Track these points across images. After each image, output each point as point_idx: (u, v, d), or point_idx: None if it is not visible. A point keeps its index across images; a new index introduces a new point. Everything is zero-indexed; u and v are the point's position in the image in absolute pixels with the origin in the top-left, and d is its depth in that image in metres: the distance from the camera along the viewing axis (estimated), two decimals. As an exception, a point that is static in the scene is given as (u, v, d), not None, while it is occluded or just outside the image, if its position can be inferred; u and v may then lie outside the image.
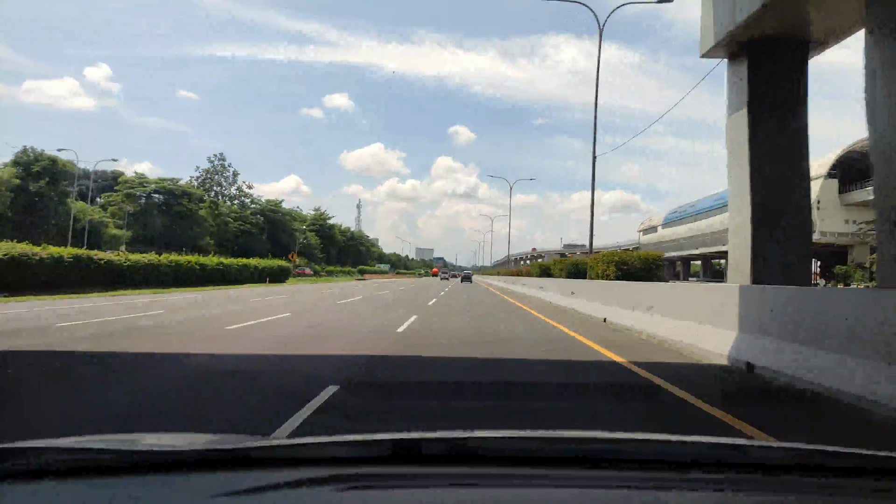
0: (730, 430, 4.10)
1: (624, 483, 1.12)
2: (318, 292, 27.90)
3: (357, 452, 1.25)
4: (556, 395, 5.54)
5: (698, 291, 10.80)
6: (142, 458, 1.17)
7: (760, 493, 1.11)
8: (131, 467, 1.13)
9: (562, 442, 1.34)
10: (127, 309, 14.44)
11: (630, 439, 1.30)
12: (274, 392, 5.19)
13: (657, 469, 1.20)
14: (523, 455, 1.24)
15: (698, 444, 1.33)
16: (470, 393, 5.39)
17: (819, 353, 5.63)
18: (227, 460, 1.17)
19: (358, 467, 1.17)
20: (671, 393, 5.42)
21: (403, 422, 4.10)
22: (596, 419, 4.39)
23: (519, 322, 13.20)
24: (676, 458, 1.24)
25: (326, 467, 1.15)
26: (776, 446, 1.34)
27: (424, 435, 1.27)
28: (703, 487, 1.12)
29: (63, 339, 8.40)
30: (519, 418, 4.40)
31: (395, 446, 1.22)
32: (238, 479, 1.10)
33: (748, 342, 6.93)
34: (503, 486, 1.11)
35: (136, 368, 6.45)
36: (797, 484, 1.14)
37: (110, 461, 1.14)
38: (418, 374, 6.65)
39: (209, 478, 1.11)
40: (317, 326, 11.23)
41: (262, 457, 1.20)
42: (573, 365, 7.40)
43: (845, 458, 1.25)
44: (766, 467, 1.21)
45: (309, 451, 1.26)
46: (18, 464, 1.11)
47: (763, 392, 5.74)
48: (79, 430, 2.69)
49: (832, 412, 4.85)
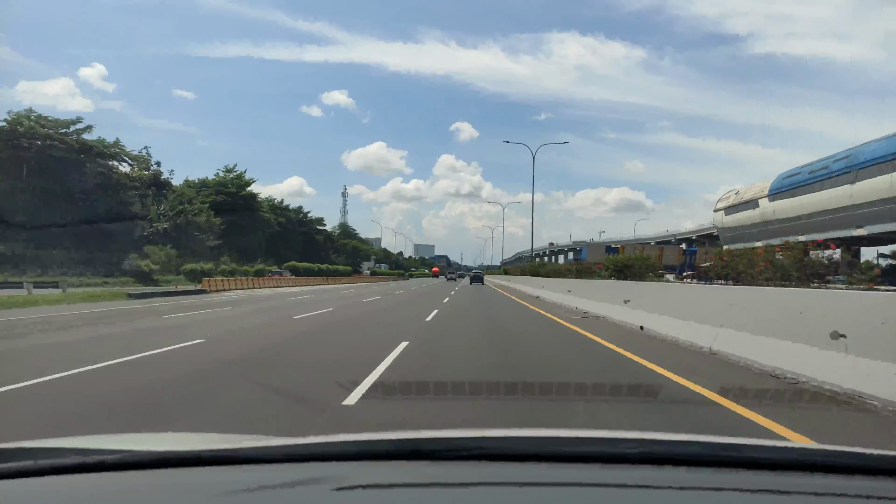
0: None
1: (624, 482, 1.12)
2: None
3: (357, 452, 1.25)
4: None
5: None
6: (142, 457, 1.17)
7: (760, 493, 1.10)
8: (131, 467, 1.14)
9: (562, 442, 1.33)
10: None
11: (630, 439, 1.29)
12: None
13: (658, 468, 1.19)
14: (523, 454, 1.23)
15: (698, 443, 1.32)
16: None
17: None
18: (227, 460, 1.18)
19: (358, 467, 1.17)
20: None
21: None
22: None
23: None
24: (677, 458, 1.23)
25: (326, 467, 1.15)
26: (776, 446, 1.33)
27: (424, 434, 1.28)
28: (703, 487, 1.11)
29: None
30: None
31: (394, 446, 1.23)
32: (238, 478, 1.10)
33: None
34: (503, 485, 1.11)
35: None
36: (797, 484, 1.13)
37: (110, 461, 1.15)
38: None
39: (209, 477, 1.12)
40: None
41: (261, 456, 1.20)
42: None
43: (846, 458, 1.24)
44: (767, 467, 1.20)
45: (309, 450, 1.26)
46: (18, 464, 1.12)
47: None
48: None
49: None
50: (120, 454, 1.18)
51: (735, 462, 1.22)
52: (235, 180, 68.56)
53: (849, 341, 5.42)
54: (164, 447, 1.24)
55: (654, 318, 10.86)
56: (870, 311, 5.40)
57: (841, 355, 5.45)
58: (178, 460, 1.17)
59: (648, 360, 7.42)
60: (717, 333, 8.05)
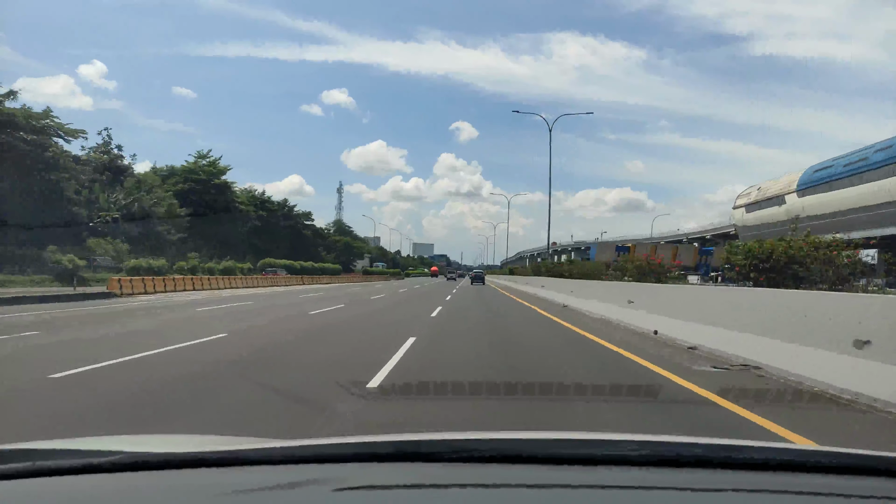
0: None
1: (624, 484, 1.12)
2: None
3: (357, 454, 1.25)
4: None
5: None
6: (141, 458, 1.17)
7: (761, 494, 1.10)
8: (131, 468, 1.13)
9: (562, 444, 1.33)
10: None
11: (630, 440, 1.29)
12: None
13: (658, 470, 1.20)
14: (523, 456, 1.23)
15: (699, 444, 1.32)
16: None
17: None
18: (227, 461, 1.17)
19: (358, 468, 1.17)
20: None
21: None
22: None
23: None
24: (677, 459, 1.23)
25: (326, 468, 1.15)
26: (776, 447, 1.33)
27: (424, 436, 1.28)
28: (704, 489, 1.11)
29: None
30: None
31: (394, 447, 1.23)
32: (238, 480, 1.10)
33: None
34: (503, 487, 1.11)
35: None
36: (798, 484, 1.13)
37: (110, 463, 1.15)
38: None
39: (209, 479, 1.12)
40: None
41: (261, 458, 1.20)
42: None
43: (846, 459, 1.24)
44: (768, 468, 1.21)
45: (308, 451, 1.26)
46: (17, 465, 1.12)
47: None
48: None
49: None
50: (119, 455, 1.17)
51: (736, 463, 1.22)
52: (207, 167, 59.11)
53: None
54: (164, 448, 1.24)
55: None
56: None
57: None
58: (178, 462, 1.16)
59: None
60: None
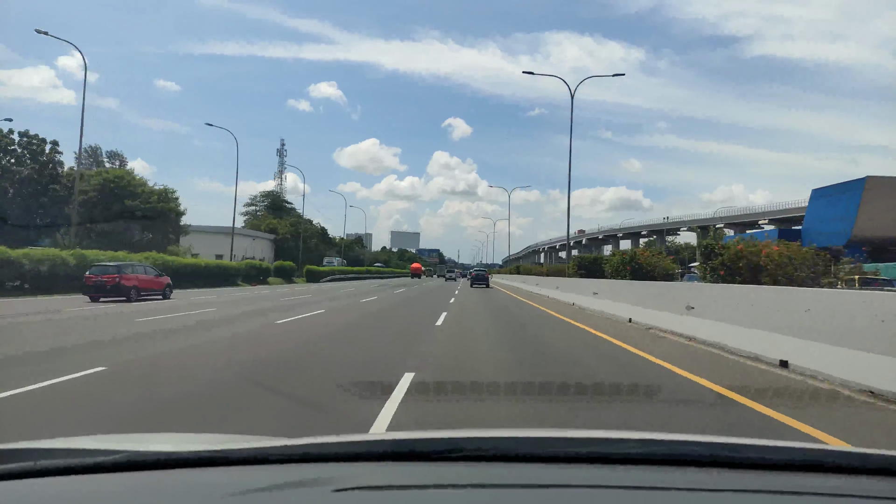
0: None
1: (624, 483, 1.12)
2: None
3: (356, 453, 1.25)
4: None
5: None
6: (142, 458, 1.17)
7: (762, 494, 1.10)
8: (132, 468, 1.14)
9: (563, 442, 1.33)
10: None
11: (631, 439, 1.29)
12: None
13: (659, 468, 1.20)
14: (522, 455, 1.23)
15: (701, 444, 1.32)
16: None
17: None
18: (228, 461, 1.18)
19: (357, 468, 1.17)
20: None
21: None
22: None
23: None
24: (678, 458, 1.23)
25: (326, 468, 1.15)
26: (778, 446, 1.33)
27: (423, 435, 1.28)
28: (705, 488, 1.11)
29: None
30: None
31: (394, 447, 1.23)
32: (238, 479, 1.10)
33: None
34: (503, 486, 1.11)
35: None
36: (800, 484, 1.13)
37: (111, 462, 1.15)
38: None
39: (209, 478, 1.12)
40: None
41: (261, 458, 1.20)
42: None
43: (847, 459, 1.24)
44: (769, 468, 1.21)
45: (308, 451, 1.26)
46: (19, 464, 1.12)
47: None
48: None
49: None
50: (120, 455, 1.18)
51: (738, 462, 1.22)
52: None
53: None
54: (165, 448, 1.24)
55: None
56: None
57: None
58: (179, 461, 1.17)
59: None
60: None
